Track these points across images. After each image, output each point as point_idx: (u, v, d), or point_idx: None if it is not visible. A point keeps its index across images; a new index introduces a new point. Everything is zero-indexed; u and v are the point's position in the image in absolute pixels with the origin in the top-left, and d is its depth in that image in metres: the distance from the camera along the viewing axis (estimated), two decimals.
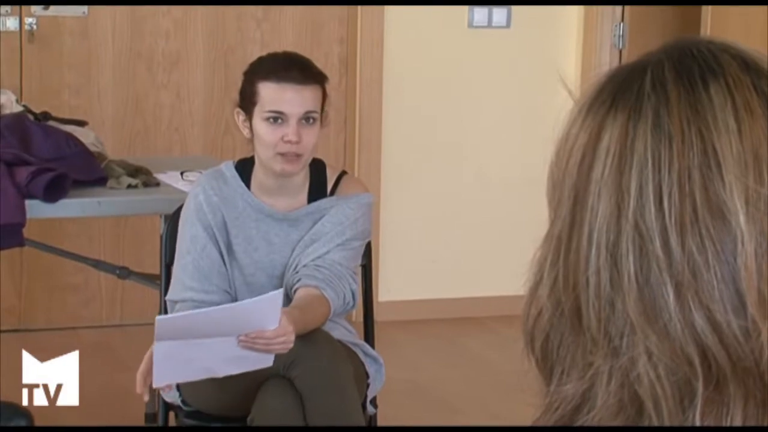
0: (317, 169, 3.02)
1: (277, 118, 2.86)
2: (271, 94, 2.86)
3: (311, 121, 2.88)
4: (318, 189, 3.00)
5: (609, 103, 0.87)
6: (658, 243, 0.83)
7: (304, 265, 2.89)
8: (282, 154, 2.87)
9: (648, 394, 0.83)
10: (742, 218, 0.81)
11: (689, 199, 0.82)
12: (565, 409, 0.87)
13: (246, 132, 2.94)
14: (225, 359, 2.66)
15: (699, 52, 0.87)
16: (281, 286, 2.92)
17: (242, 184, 2.98)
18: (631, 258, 0.83)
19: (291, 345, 2.64)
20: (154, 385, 2.74)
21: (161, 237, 3.21)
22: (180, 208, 3.08)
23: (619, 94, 0.87)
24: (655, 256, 0.83)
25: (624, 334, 0.83)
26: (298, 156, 2.88)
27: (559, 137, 0.90)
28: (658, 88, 0.86)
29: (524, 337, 0.91)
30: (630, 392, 0.84)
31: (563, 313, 0.87)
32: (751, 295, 0.81)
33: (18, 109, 3.69)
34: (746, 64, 0.87)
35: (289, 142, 2.85)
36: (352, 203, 2.98)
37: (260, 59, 2.98)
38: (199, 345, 2.62)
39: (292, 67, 2.88)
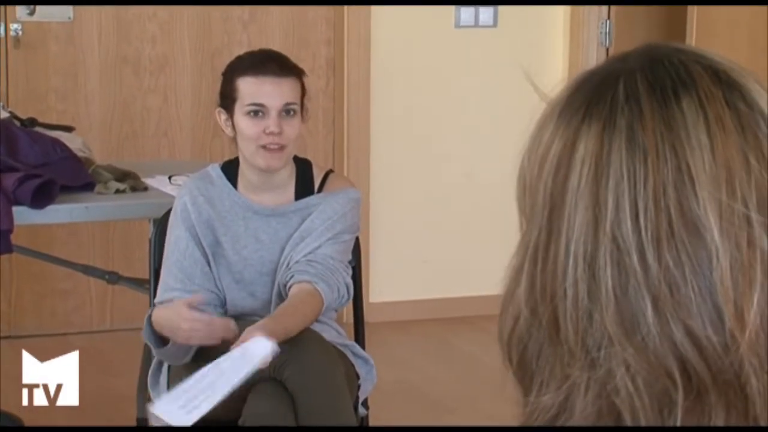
0: (303, 167, 3.05)
1: (257, 111, 2.90)
2: (250, 87, 2.90)
3: (291, 113, 2.92)
4: (304, 186, 3.02)
5: (582, 112, 0.87)
6: (635, 257, 0.83)
7: (297, 261, 2.91)
8: (264, 147, 2.90)
9: (626, 405, 0.83)
10: (716, 233, 0.82)
11: (665, 214, 0.82)
12: (542, 420, 0.87)
13: (228, 131, 2.97)
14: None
15: (671, 62, 0.87)
16: (271, 283, 2.95)
17: (228, 184, 3.00)
18: (609, 271, 0.83)
19: (234, 332, 2.68)
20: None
21: (150, 241, 3.20)
22: (168, 213, 3.08)
23: (593, 103, 0.87)
24: (633, 269, 0.83)
25: (601, 346, 0.83)
26: (282, 148, 2.91)
27: (529, 139, 0.90)
28: (631, 101, 0.86)
29: (501, 347, 0.90)
30: (607, 404, 0.84)
31: (541, 324, 0.87)
32: (728, 308, 0.81)
33: (4, 115, 3.68)
34: (718, 76, 0.87)
35: (271, 133, 2.89)
36: (340, 198, 3.00)
37: (237, 57, 3.03)
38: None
39: (269, 61, 2.93)
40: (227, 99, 2.94)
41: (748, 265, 0.82)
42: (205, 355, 2.76)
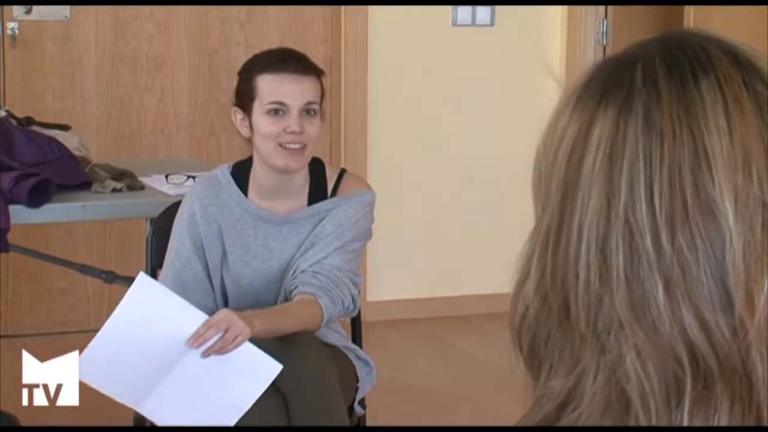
0: (317, 169, 2.95)
1: (278, 110, 2.81)
2: (270, 85, 2.81)
3: (312, 113, 2.83)
4: (318, 190, 2.93)
5: (599, 96, 0.87)
6: (648, 239, 0.82)
7: (303, 271, 2.84)
8: (284, 147, 2.80)
9: (636, 391, 0.82)
10: (731, 217, 0.81)
11: (680, 197, 0.82)
12: (551, 406, 0.86)
13: (245, 131, 2.87)
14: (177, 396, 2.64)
15: (690, 46, 0.87)
16: (278, 290, 2.88)
17: (238, 190, 2.91)
18: (620, 254, 0.83)
19: (242, 330, 2.61)
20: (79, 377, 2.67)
21: (147, 240, 3.19)
22: (165, 212, 3.07)
23: (610, 87, 0.87)
24: (645, 252, 0.82)
25: (611, 330, 0.83)
26: (302, 148, 2.81)
27: (546, 128, 0.89)
28: (648, 84, 0.85)
29: (511, 333, 0.90)
30: (617, 389, 0.83)
31: (551, 309, 0.86)
32: (739, 293, 0.81)
33: (1, 114, 3.67)
34: (737, 60, 0.86)
35: (292, 132, 2.79)
36: (354, 203, 2.92)
37: (255, 56, 2.92)
38: (149, 359, 2.60)
39: (290, 59, 2.84)
40: (244, 97, 2.85)
41: (761, 251, 0.81)
42: None
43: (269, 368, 2.62)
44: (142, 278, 2.63)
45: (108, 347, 2.62)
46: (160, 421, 2.68)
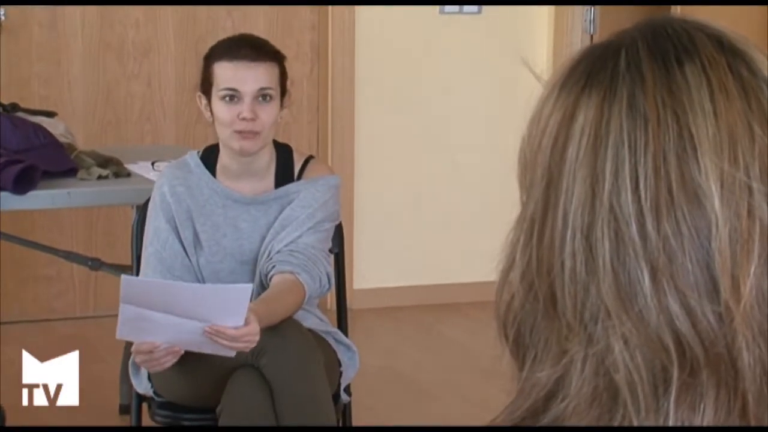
0: (284, 153, 3.03)
1: (232, 96, 2.87)
2: (225, 72, 2.88)
3: (267, 98, 2.89)
4: (285, 173, 3.00)
5: (583, 83, 0.86)
6: (633, 227, 0.82)
7: (278, 251, 2.89)
8: (239, 132, 2.87)
9: (624, 381, 0.82)
10: (716, 202, 0.81)
11: (665, 183, 0.81)
12: (538, 395, 0.86)
13: (207, 115, 2.95)
14: (187, 339, 2.65)
15: (674, 31, 0.87)
16: (252, 272, 2.92)
17: (207, 172, 2.98)
18: (606, 243, 0.82)
19: (254, 344, 2.65)
20: (117, 336, 2.72)
21: (133, 227, 3.19)
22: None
23: (593, 73, 0.86)
24: (631, 240, 0.82)
25: (599, 319, 0.82)
26: (255, 133, 2.88)
27: (530, 117, 0.89)
28: (632, 69, 0.85)
29: (497, 323, 0.89)
30: (605, 380, 0.83)
31: (537, 298, 0.86)
32: (725, 280, 0.81)
33: None
34: (721, 44, 0.86)
35: (245, 119, 2.86)
36: (320, 186, 2.98)
37: (217, 42, 3.00)
38: (163, 320, 2.61)
39: (244, 46, 2.91)
40: (205, 84, 2.93)
41: (747, 236, 0.81)
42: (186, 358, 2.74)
43: (241, 292, 2.60)
44: (125, 279, 2.62)
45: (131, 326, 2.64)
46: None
